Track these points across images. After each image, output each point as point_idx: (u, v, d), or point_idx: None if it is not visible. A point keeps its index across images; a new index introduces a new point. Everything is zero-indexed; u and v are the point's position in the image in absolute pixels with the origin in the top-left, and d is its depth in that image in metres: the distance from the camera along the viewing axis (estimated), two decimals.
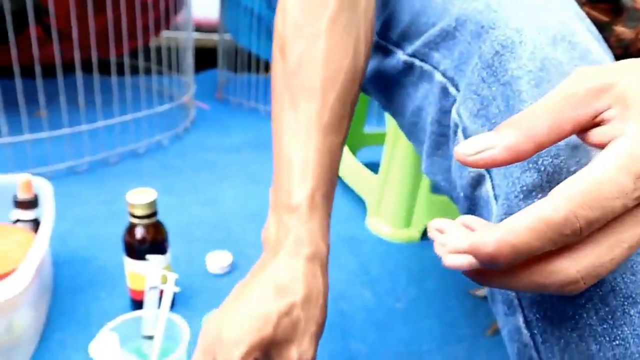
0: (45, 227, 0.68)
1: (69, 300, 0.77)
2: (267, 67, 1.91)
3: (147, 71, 1.70)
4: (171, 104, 1.41)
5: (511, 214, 0.39)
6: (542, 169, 0.38)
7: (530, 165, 0.39)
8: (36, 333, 0.68)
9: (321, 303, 0.51)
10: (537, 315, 0.37)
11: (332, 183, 0.58)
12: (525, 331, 0.38)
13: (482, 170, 0.44)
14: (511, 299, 0.39)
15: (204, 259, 0.89)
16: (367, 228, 1.07)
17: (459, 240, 0.31)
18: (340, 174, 1.20)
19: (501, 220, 0.40)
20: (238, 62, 1.86)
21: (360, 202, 1.17)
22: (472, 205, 0.46)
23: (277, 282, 0.49)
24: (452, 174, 0.50)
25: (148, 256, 0.62)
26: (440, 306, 0.83)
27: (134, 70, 1.48)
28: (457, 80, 0.51)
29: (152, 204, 0.70)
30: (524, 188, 0.38)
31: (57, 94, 1.24)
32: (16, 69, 1.07)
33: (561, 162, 0.37)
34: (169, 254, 0.75)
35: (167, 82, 1.77)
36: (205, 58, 2.08)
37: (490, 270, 0.32)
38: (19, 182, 0.73)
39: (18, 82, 1.07)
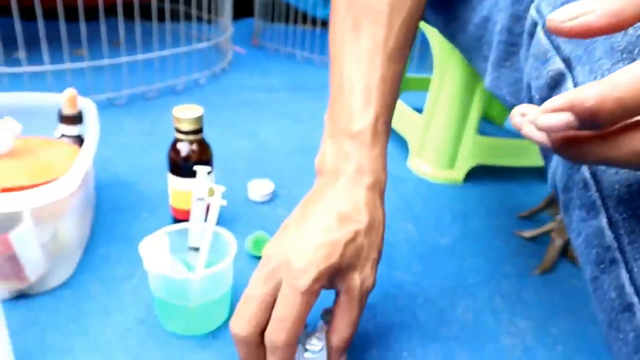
0: (91, 140, 0.68)
1: (111, 219, 0.77)
2: (304, 19, 1.87)
3: (187, 17, 1.67)
4: (209, 42, 1.38)
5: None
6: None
7: (624, 56, 0.35)
8: (80, 245, 0.68)
9: (381, 231, 0.51)
10: (624, 215, 0.34)
11: (392, 112, 0.56)
12: (608, 232, 0.36)
13: (563, 68, 0.41)
14: (593, 201, 0.37)
15: (245, 188, 0.88)
16: (408, 168, 1.04)
17: (555, 98, 0.28)
18: None
19: None
20: (275, 12, 1.83)
21: (401, 144, 1.15)
22: None
23: (340, 210, 0.48)
24: (524, 81, 0.48)
25: (196, 167, 0.61)
26: (485, 245, 0.81)
27: (174, 16, 1.46)
28: None
29: (199, 119, 0.68)
30: None
31: (98, 36, 1.23)
32: (60, 9, 1.06)
33: None
34: (213, 176, 0.73)
35: (205, 29, 1.75)
36: (242, 8, 2.05)
37: (586, 137, 0.29)
38: (65, 96, 0.72)
39: (62, 23, 1.06)
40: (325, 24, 2.05)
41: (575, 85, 0.39)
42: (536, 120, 0.28)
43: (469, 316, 0.65)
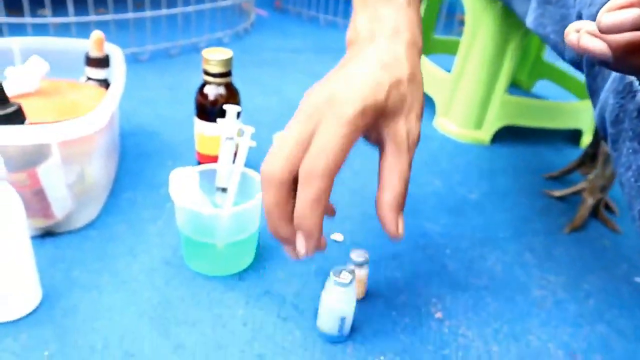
0: (118, 82, 0.67)
1: (136, 165, 0.76)
2: None
3: None
4: (233, 0, 1.36)
5: None
6: None
7: None
8: (106, 187, 0.68)
9: (422, 88, 0.47)
10: None
11: None
12: None
13: None
14: (631, 81, 0.35)
15: (271, 140, 0.87)
16: (434, 128, 1.02)
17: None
18: None
19: None
20: None
21: (427, 103, 1.12)
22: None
23: (382, 60, 0.45)
24: (575, 10, 0.45)
25: (225, 106, 0.60)
26: (514, 202, 0.79)
27: None
28: None
29: (228, 61, 0.67)
30: None
31: None
32: None
33: None
34: (241, 120, 0.72)
35: None
36: None
37: None
38: (92, 39, 0.71)
39: None
40: None
41: None
42: (600, 20, 0.26)
43: (499, 268, 0.64)
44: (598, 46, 0.28)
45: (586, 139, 1.04)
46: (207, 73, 0.67)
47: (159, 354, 0.48)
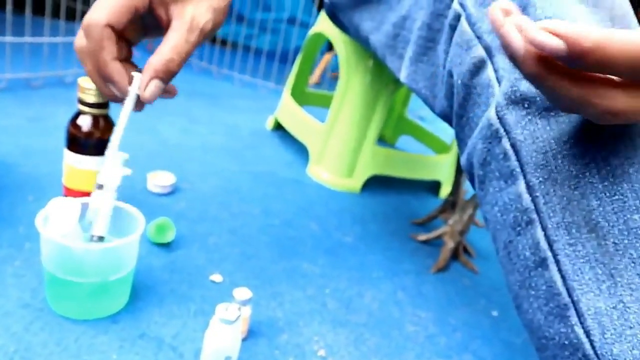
0: None
1: None
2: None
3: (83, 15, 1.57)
4: None
5: (517, 89, 0.40)
6: None
7: None
8: None
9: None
10: (541, 178, 0.38)
11: None
12: (526, 196, 0.39)
13: (484, 55, 0.45)
14: (512, 169, 0.40)
15: (144, 179, 0.83)
16: (308, 175, 1.05)
17: (558, 23, 0.28)
18: (285, 122, 1.18)
19: (505, 97, 0.41)
20: None
21: (301, 151, 1.16)
22: (468, 94, 0.47)
23: None
24: (445, 68, 0.51)
25: (112, 153, 0.55)
26: (385, 245, 0.83)
27: (70, 14, 1.37)
28: None
29: None
30: None
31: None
32: None
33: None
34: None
35: None
36: None
37: (554, 66, 0.30)
38: None
39: None
40: (223, 42, 2.04)
41: (496, 71, 0.43)
42: (532, 32, 0.29)
43: (375, 306, 0.67)
44: (516, 40, 0.30)
45: (444, 190, 1.14)
46: (82, 102, 0.63)
47: None
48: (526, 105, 0.39)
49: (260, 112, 1.41)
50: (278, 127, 1.28)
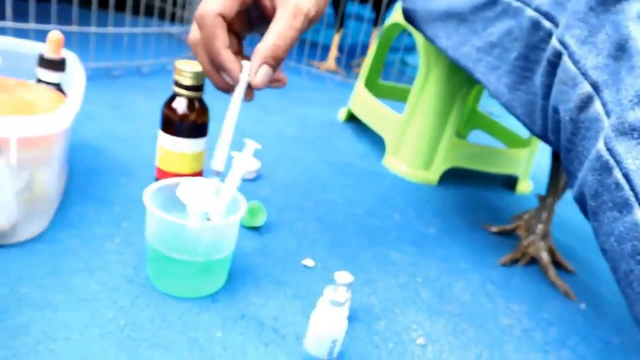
0: (79, 85, 0.62)
1: (86, 181, 0.70)
2: None
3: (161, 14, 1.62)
4: (181, 25, 1.34)
5: (625, 120, 0.40)
6: None
7: (637, 72, 0.40)
8: (55, 199, 0.61)
9: None
10: None
11: None
12: None
13: (591, 91, 0.45)
14: (626, 199, 0.39)
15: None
16: (384, 166, 1.04)
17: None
18: (359, 112, 1.17)
19: (613, 129, 0.41)
20: None
21: (376, 143, 1.15)
22: (577, 129, 0.47)
23: None
24: (550, 105, 0.51)
25: (246, 140, 0.56)
26: (469, 237, 0.81)
27: (148, 11, 1.40)
28: (552, 13, 0.52)
29: (202, 75, 0.64)
30: (639, 92, 0.40)
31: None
32: None
33: None
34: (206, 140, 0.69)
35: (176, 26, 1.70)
36: None
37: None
38: (49, 39, 0.66)
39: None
40: None
41: (604, 105, 0.44)
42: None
43: (467, 297, 0.65)
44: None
45: (521, 185, 1.10)
46: (178, 85, 0.64)
47: None
48: (636, 136, 0.39)
49: (329, 104, 1.40)
50: (350, 119, 1.27)
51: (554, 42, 0.50)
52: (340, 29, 1.88)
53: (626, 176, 0.39)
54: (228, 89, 0.54)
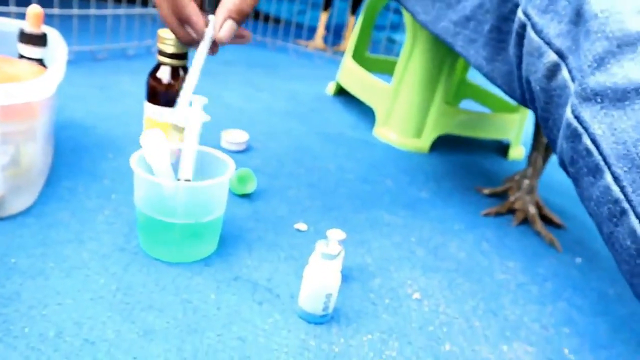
0: (60, 58, 0.61)
1: (74, 156, 0.69)
2: (255, 15, 1.85)
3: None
4: None
5: (587, 86, 0.40)
6: (610, 35, 0.40)
7: (599, 35, 0.41)
8: (42, 174, 0.61)
9: None
10: (625, 168, 0.38)
11: None
12: (614, 187, 0.38)
13: (556, 59, 0.46)
14: (597, 163, 0.40)
15: (218, 137, 0.83)
16: (375, 136, 1.03)
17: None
18: (348, 85, 1.16)
19: (577, 96, 0.41)
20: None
21: (366, 114, 1.14)
22: (549, 97, 0.47)
23: None
24: (523, 77, 0.52)
25: (192, 97, 0.56)
26: (461, 199, 0.81)
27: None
28: None
29: None
30: (596, 57, 0.40)
31: None
32: None
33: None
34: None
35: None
36: None
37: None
38: (29, 13, 0.65)
39: None
40: (277, 20, 2.03)
41: (570, 72, 0.44)
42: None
43: (463, 255, 0.64)
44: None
45: (513, 151, 1.10)
46: (162, 53, 0.63)
47: (125, 339, 0.42)
48: (599, 100, 0.39)
49: (318, 79, 1.39)
50: (338, 93, 1.26)
51: (519, 13, 0.50)
52: (328, 9, 1.87)
53: (594, 142, 0.40)
54: (192, 43, 0.53)
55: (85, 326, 0.42)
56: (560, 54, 0.45)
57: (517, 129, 1.10)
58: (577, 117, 0.41)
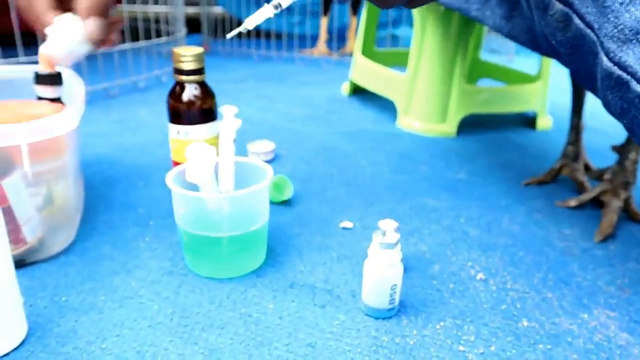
0: (79, 92, 0.60)
1: (105, 189, 0.68)
2: (249, 33, 1.85)
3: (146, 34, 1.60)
4: (168, 37, 1.32)
5: (623, 26, 0.37)
6: None
7: None
8: (77, 210, 0.59)
9: None
10: None
11: None
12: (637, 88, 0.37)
13: (564, 8, 0.43)
14: (618, 75, 0.38)
15: (245, 150, 0.81)
16: (398, 127, 1.01)
17: None
18: (362, 81, 1.14)
19: (614, 40, 0.38)
20: (218, 29, 1.84)
21: (382, 109, 1.12)
22: (571, 49, 0.44)
23: None
24: (539, 32, 0.49)
25: (223, 108, 0.55)
26: (502, 176, 0.78)
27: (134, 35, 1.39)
28: None
29: (201, 56, 0.62)
30: None
31: None
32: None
33: None
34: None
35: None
36: (191, 26, 2.00)
37: None
38: (40, 52, 0.64)
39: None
40: (278, 35, 2.03)
41: (581, 19, 0.41)
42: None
43: (516, 228, 0.62)
44: None
45: (541, 121, 1.07)
46: (179, 72, 0.62)
47: None
48: None
49: (329, 83, 1.38)
50: (354, 92, 1.24)
51: None
52: (327, 13, 1.86)
53: (633, 75, 0.37)
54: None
55: (148, 354, 0.41)
56: (565, 2, 0.42)
57: (540, 98, 1.07)
58: (618, 64, 0.38)
